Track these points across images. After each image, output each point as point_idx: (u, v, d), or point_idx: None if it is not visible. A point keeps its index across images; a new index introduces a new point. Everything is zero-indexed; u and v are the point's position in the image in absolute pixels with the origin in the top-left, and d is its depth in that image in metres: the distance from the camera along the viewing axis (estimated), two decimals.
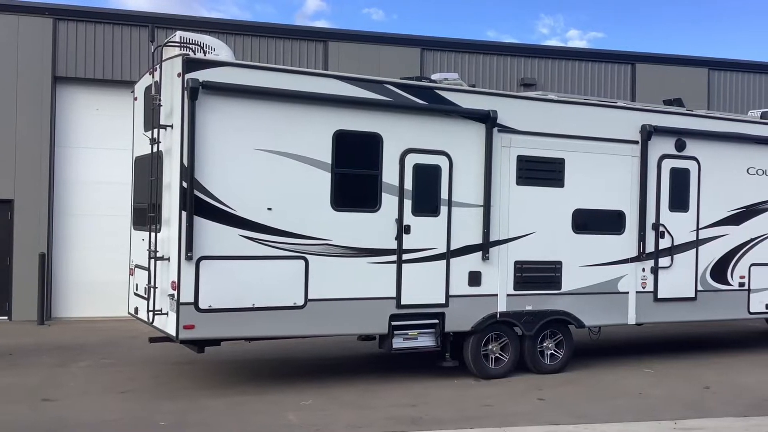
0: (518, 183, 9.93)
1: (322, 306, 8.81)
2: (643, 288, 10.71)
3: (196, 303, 8.17)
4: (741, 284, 11.50)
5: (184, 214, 8.12)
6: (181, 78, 8.15)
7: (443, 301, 9.48)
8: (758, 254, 11.61)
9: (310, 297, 8.73)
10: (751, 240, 11.60)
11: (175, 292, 8.16)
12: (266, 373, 10.01)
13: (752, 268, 11.55)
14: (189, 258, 8.10)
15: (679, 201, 11.00)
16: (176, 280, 8.14)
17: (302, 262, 8.69)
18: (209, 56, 8.66)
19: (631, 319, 10.71)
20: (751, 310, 11.68)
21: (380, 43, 17.09)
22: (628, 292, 10.62)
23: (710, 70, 20.18)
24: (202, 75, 8.17)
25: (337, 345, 11.63)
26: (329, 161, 8.85)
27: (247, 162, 8.44)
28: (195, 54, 8.57)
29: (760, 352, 12.47)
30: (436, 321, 9.47)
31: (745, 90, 20.69)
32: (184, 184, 8.12)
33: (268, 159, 8.55)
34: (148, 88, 9.15)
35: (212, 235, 8.25)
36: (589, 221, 10.41)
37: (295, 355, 11.20)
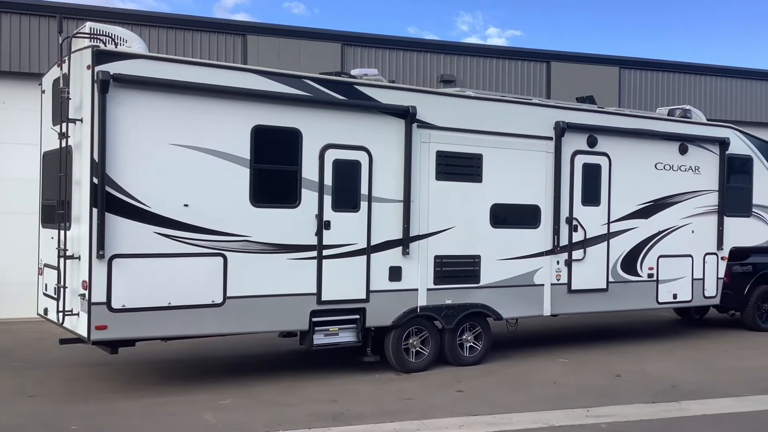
0: (437, 178, 10.04)
1: (241, 303, 8.69)
2: (558, 280, 11.01)
3: (108, 303, 7.93)
4: (650, 275, 11.97)
5: (95, 211, 7.86)
6: (90, 70, 7.88)
7: (364, 297, 9.50)
8: (666, 246, 12.10)
9: (228, 294, 8.60)
10: (659, 233, 12.07)
11: (86, 292, 7.89)
12: (184, 374, 9.81)
13: (660, 259, 12.03)
14: (101, 256, 7.85)
15: (592, 195, 11.35)
16: (87, 279, 7.88)
17: (220, 259, 8.55)
18: (121, 48, 8.40)
19: (547, 311, 10.99)
20: (660, 300, 12.17)
21: (300, 37, 16.97)
22: (543, 285, 10.90)
23: (621, 69, 20.91)
24: (113, 67, 7.91)
25: (258, 342, 11.51)
26: (247, 156, 8.72)
27: (161, 157, 8.23)
28: (105, 46, 8.29)
29: (667, 340, 13.01)
30: (357, 316, 9.48)
31: (655, 88, 21.53)
32: (95, 180, 7.86)
33: (184, 154, 8.36)
34: (56, 81, 8.81)
35: (125, 232, 8.01)
36: (506, 216, 10.62)
37: (214, 353, 11.01)
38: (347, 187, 9.41)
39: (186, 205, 8.35)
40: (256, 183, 8.79)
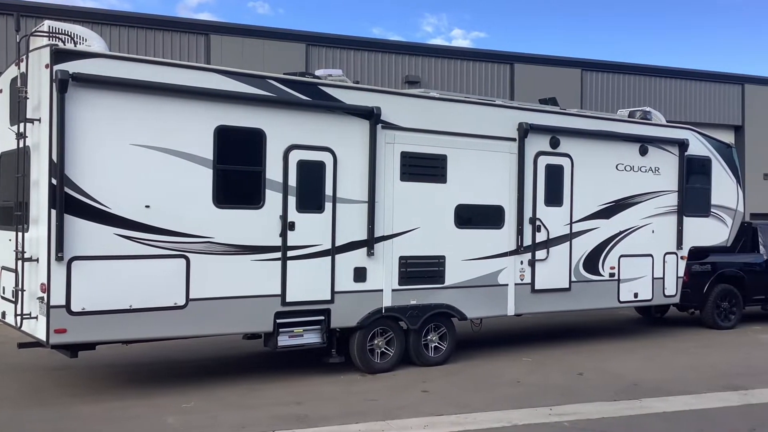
0: (402, 179, 10.05)
1: (204, 305, 8.60)
2: (522, 280, 11.10)
3: (67, 306, 7.78)
4: (611, 275, 12.13)
5: (53, 212, 7.71)
6: (49, 69, 7.73)
7: (329, 298, 9.47)
8: (627, 246, 12.27)
9: (191, 296, 8.50)
10: (621, 233, 12.25)
11: (45, 295, 7.74)
12: (146, 377, 9.68)
13: (621, 259, 12.21)
14: (59, 259, 7.70)
15: (554, 196, 11.47)
16: (46, 282, 7.73)
17: (183, 260, 8.45)
18: (80, 47, 8.26)
19: (511, 311, 11.08)
20: (621, 299, 12.35)
21: (265, 37, 16.91)
22: (507, 285, 10.98)
23: (583, 71, 21.21)
24: (72, 66, 7.77)
25: (221, 344, 11.41)
26: (210, 157, 8.64)
27: (122, 158, 8.11)
28: (64, 45, 8.15)
29: (629, 339, 13.21)
30: (322, 317, 9.45)
31: (616, 90, 21.87)
32: (54, 181, 7.71)
33: (146, 155, 8.25)
34: (14, 80, 8.63)
35: (85, 234, 7.87)
36: (470, 216, 10.68)
37: (177, 356, 10.89)
38: (312, 188, 9.38)
39: (147, 206, 8.24)
40: (220, 184, 8.71)
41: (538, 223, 11.25)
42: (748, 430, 7.64)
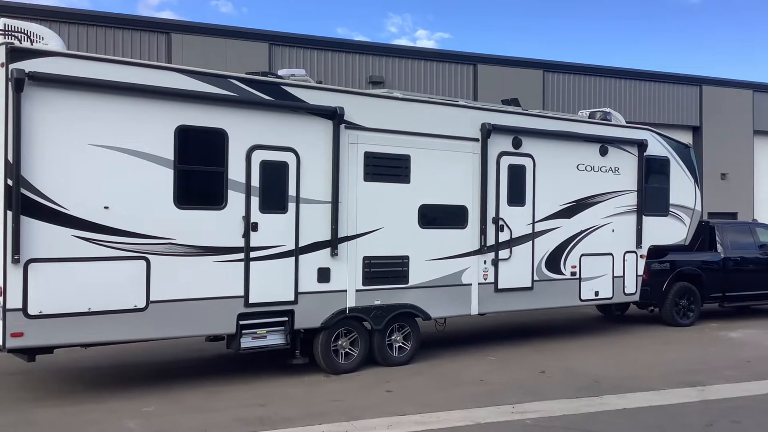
0: (366, 179, 10.04)
1: (165, 308, 8.49)
2: (485, 279, 11.18)
3: (24, 309, 7.62)
4: (573, 273, 12.28)
5: (9, 213, 7.55)
6: (4, 68, 7.57)
7: (293, 299, 9.42)
8: (588, 245, 12.43)
9: (152, 299, 8.39)
10: (582, 232, 12.40)
11: (1, 298, 7.57)
12: (105, 381, 9.53)
13: (582, 258, 12.36)
14: (16, 261, 7.54)
15: (517, 196, 11.57)
16: (2, 284, 7.56)
17: (143, 262, 8.34)
18: (37, 45, 8.10)
19: (474, 310, 11.14)
20: (582, 298, 12.50)
21: (227, 36, 16.77)
22: (471, 284, 11.04)
23: (545, 72, 21.43)
24: (29, 65, 7.61)
25: (183, 347, 11.28)
26: (171, 157, 8.53)
27: (81, 158, 7.97)
28: (21, 43, 7.98)
29: (590, 336, 13.38)
30: (286, 318, 9.40)
31: (577, 91, 22.14)
32: (9, 182, 7.54)
33: (105, 155, 8.12)
34: None
35: (42, 236, 7.72)
36: (434, 216, 10.72)
37: (138, 359, 10.74)
38: (275, 189, 9.32)
39: (106, 208, 8.11)
40: (181, 184, 8.61)
41: (501, 222, 11.34)
42: (706, 425, 7.79)
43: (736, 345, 12.66)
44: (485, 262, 11.19)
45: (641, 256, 13.25)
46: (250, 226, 9.07)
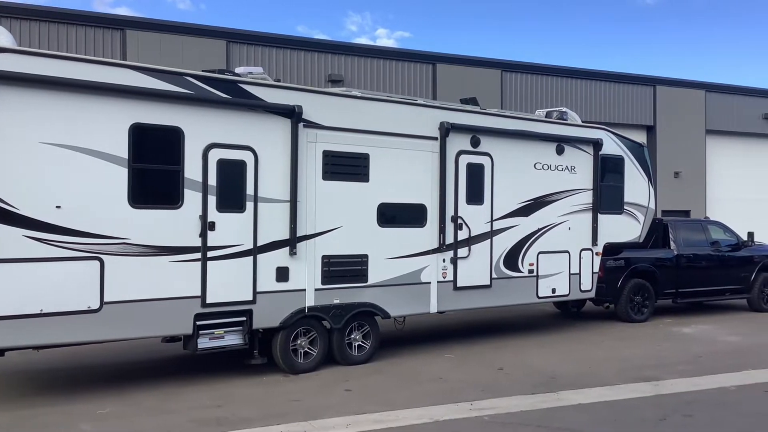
0: (324, 178, 10.01)
1: (120, 308, 8.35)
2: (444, 278, 11.23)
3: None
4: (530, 271, 12.41)
5: None
6: None
7: (251, 298, 9.35)
8: (545, 243, 12.58)
9: (106, 300, 8.24)
10: (539, 230, 12.54)
11: None
12: (59, 383, 9.33)
13: (540, 256, 12.50)
14: None
15: (475, 194, 11.65)
16: None
17: (97, 262, 8.18)
18: None
19: (434, 308, 11.19)
20: (540, 295, 12.65)
21: (183, 33, 16.55)
22: (430, 282, 11.08)
23: (503, 72, 21.61)
24: None
25: (139, 348, 11.11)
26: (125, 156, 8.39)
27: (31, 157, 7.79)
28: None
29: (547, 333, 13.54)
30: (244, 318, 9.32)
31: (534, 90, 22.37)
32: None
33: (57, 153, 7.95)
34: None
35: None
36: (393, 215, 10.73)
37: (92, 361, 10.54)
38: (232, 188, 9.23)
39: (58, 207, 7.94)
40: (135, 183, 8.47)
41: (459, 221, 11.40)
42: (659, 419, 7.94)
43: (688, 340, 12.93)
44: (444, 260, 11.24)
45: (597, 254, 13.46)
46: (207, 226, 8.97)
